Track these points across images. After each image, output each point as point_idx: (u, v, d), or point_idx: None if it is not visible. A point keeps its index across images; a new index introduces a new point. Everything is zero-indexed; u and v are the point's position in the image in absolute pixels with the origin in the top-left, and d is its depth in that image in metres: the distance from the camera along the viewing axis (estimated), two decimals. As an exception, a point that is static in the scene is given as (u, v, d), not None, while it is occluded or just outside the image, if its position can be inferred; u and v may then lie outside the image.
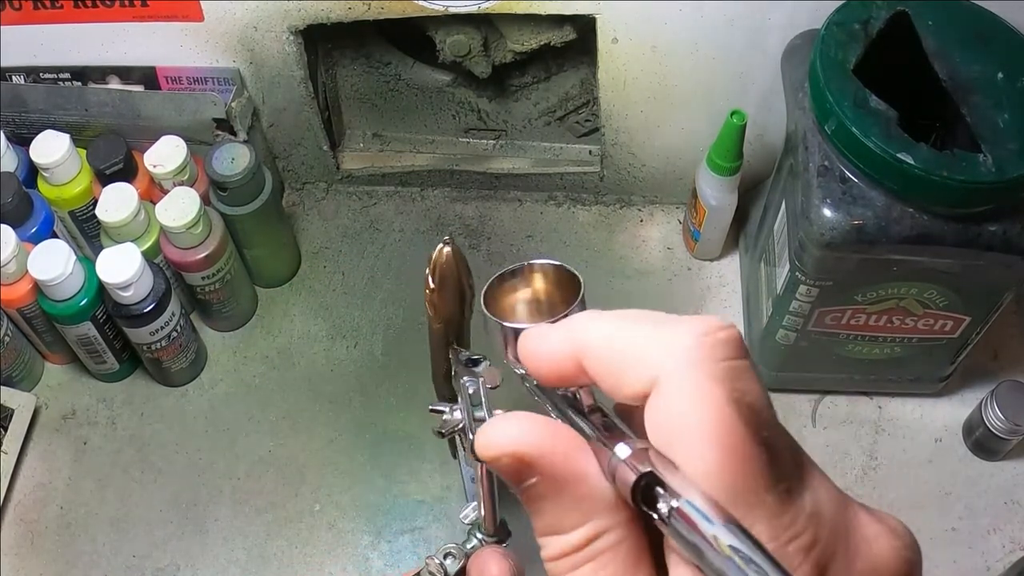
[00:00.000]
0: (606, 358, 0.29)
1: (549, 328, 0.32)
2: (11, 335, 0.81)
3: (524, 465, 0.28)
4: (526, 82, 0.91)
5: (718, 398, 0.26)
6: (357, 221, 0.95)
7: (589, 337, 0.30)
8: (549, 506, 0.29)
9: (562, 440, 0.29)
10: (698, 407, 0.26)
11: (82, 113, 0.83)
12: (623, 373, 0.28)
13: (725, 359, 0.27)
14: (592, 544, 0.28)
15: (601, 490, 0.28)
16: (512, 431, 0.29)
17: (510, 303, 0.37)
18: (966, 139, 0.60)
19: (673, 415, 0.27)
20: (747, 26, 0.75)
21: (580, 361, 0.30)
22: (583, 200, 0.94)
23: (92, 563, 0.77)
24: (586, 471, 0.28)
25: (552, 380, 0.31)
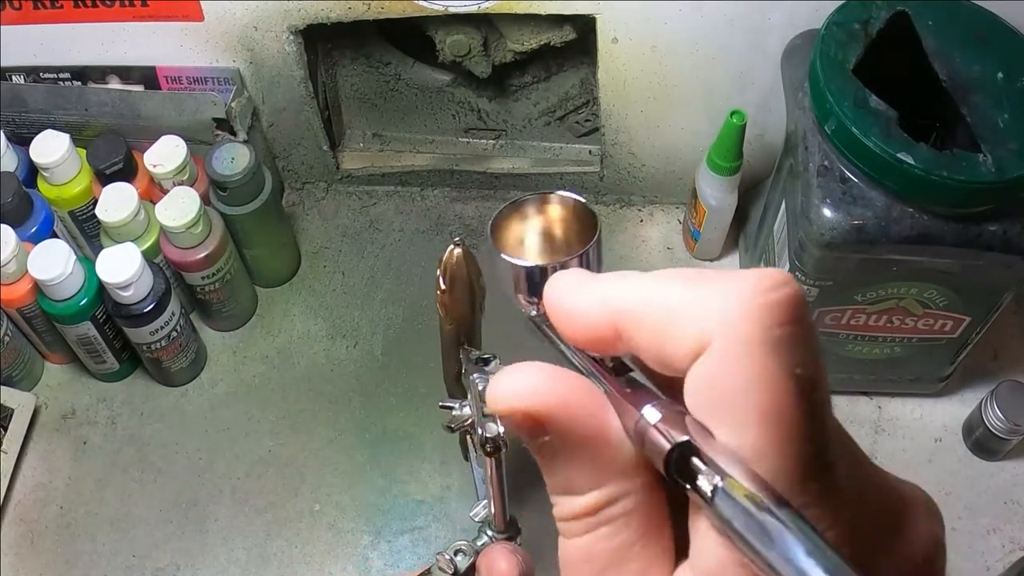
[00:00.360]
0: (647, 321, 0.26)
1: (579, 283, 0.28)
2: (11, 335, 0.81)
3: (537, 422, 0.26)
4: (526, 82, 0.91)
5: (773, 369, 0.23)
6: (357, 221, 0.95)
7: (626, 297, 0.26)
8: (563, 465, 0.26)
9: (580, 395, 0.26)
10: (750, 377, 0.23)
11: (82, 113, 0.83)
12: (666, 337, 0.25)
13: (784, 323, 0.24)
14: (607, 509, 0.26)
15: (621, 452, 0.26)
16: (525, 383, 0.27)
17: (518, 235, 0.34)
18: (966, 139, 0.60)
19: (719, 383, 0.24)
20: (747, 26, 0.75)
21: (617, 327, 0.26)
22: (583, 200, 0.94)
23: (92, 563, 0.77)
24: (606, 431, 0.26)
25: (587, 345, 0.28)
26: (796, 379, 0.24)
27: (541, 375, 0.27)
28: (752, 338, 0.23)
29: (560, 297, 0.28)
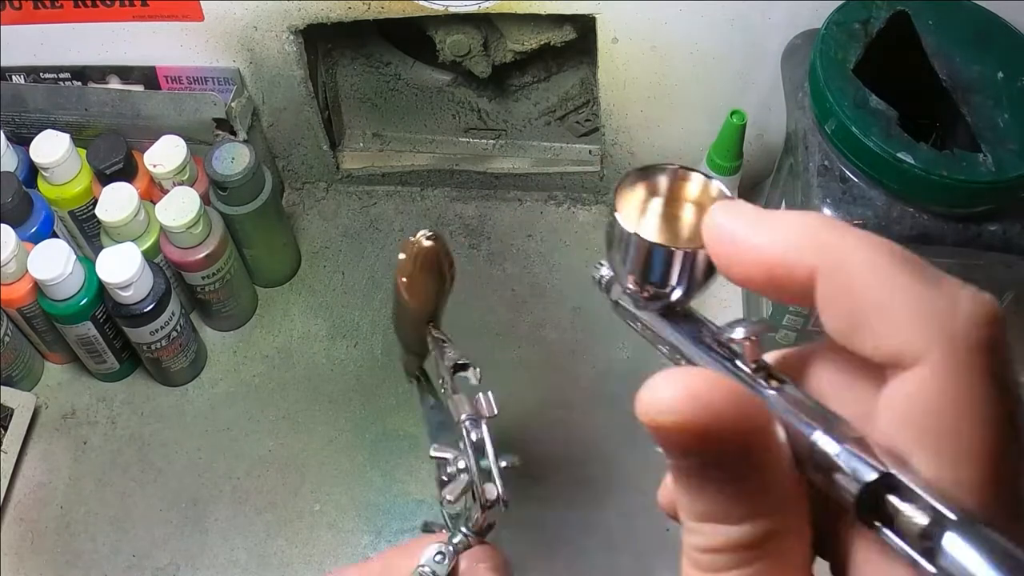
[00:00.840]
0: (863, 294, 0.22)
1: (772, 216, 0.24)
2: (11, 335, 0.81)
3: (696, 438, 0.22)
4: (526, 82, 0.91)
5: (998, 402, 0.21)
6: (357, 221, 0.95)
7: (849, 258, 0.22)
8: (717, 490, 0.22)
9: (747, 409, 0.22)
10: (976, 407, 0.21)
11: (82, 113, 0.83)
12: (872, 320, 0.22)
13: (1006, 358, 0.22)
14: (765, 545, 0.22)
15: (787, 479, 0.22)
16: (685, 391, 0.22)
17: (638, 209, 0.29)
18: (966, 139, 0.60)
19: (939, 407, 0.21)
20: (747, 26, 0.75)
21: (814, 273, 0.23)
22: (583, 200, 0.94)
23: (92, 563, 0.77)
24: (774, 454, 0.22)
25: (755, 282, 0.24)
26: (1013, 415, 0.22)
27: (703, 381, 0.22)
28: (981, 367, 0.21)
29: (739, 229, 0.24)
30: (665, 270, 0.27)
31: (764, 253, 0.23)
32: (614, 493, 0.77)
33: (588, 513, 0.76)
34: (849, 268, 0.22)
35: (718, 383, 0.22)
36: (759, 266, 0.24)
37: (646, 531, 0.75)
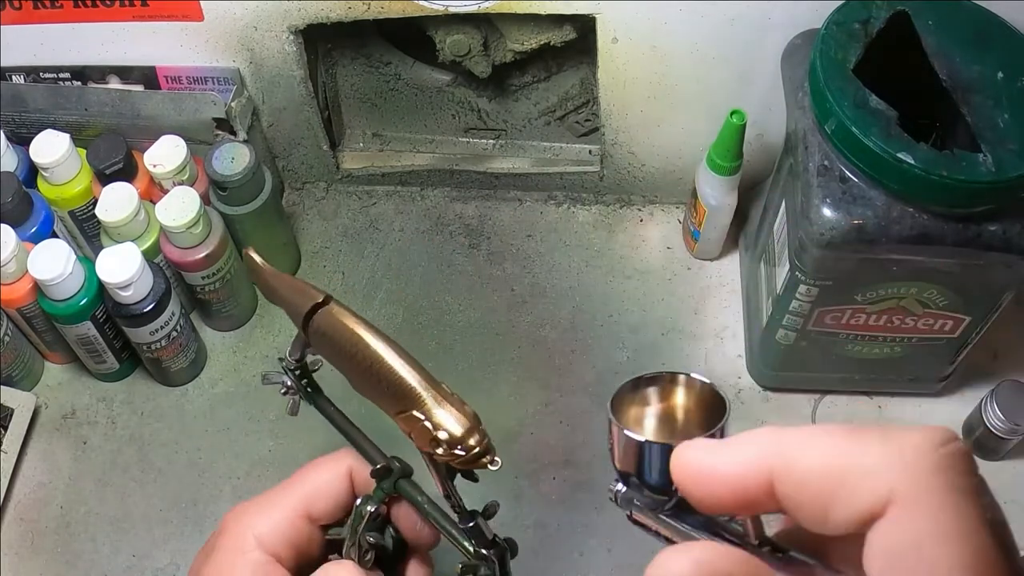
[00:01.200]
0: (817, 478, 0.24)
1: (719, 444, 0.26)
2: (11, 335, 0.81)
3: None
4: (526, 82, 0.91)
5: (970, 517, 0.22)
6: (357, 221, 0.95)
7: (793, 453, 0.24)
8: None
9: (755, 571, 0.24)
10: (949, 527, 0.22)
11: (82, 113, 0.83)
12: (839, 495, 0.23)
13: (967, 472, 0.23)
14: None
15: None
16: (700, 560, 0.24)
17: (636, 415, 0.32)
18: (966, 139, 0.60)
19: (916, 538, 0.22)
20: (747, 26, 0.75)
21: (772, 482, 0.24)
22: (583, 200, 0.94)
23: (92, 563, 0.77)
24: None
25: (724, 503, 0.26)
26: (990, 525, 0.23)
27: (707, 550, 0.24)
28: (943, 489, 0.22)
29: (700, 457, 0.26)
30: (664, 463, 0.28)
31: (726, 476, 0.25)
32: (614, 493, 0.77)
33: (588, 514, 0.76)
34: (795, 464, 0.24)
35: (721, 549, 0.24)
36: (725, 488, 0.25)
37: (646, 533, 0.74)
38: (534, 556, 0.75)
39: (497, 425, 0.50)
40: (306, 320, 0.49)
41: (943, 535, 0.22)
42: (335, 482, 0.53)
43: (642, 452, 0.29)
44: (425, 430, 0.43)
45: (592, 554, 0.75)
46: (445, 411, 0.43)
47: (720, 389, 0.31)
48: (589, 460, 0.79)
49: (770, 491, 0.25)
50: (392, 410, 0.46)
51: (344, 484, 0.53)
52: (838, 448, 0.24)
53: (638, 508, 0.32)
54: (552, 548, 0.75)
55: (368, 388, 0.47)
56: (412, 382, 0.44)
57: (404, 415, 0.44)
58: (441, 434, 0.43)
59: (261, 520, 0.50)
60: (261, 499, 0.53)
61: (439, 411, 0.43)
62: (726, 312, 0.86)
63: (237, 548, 0.49)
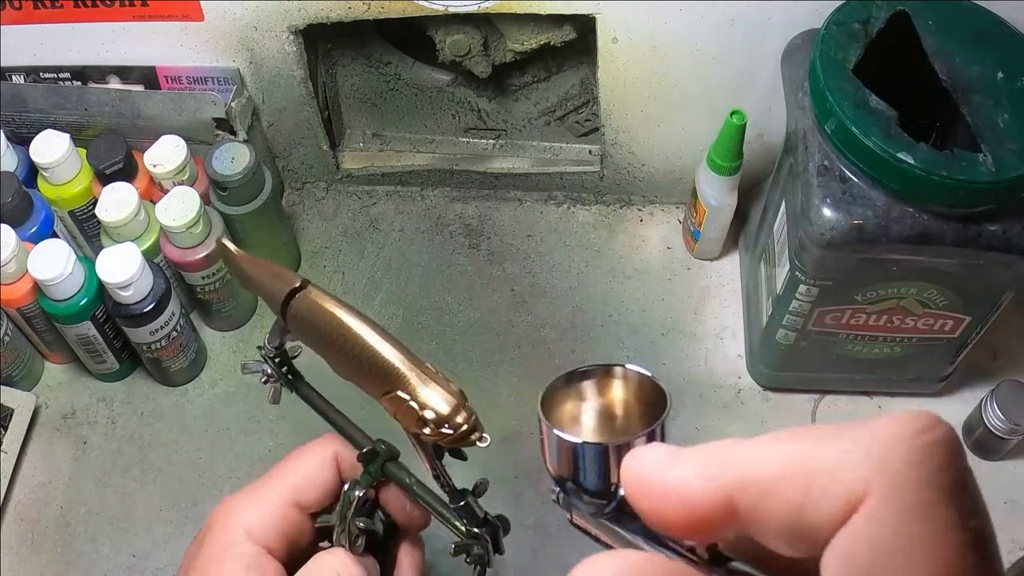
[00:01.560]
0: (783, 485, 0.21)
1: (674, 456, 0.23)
2: (11, 335, 0.81)
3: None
4: (526, 82, 0.91)
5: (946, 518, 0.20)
6: (357, 221, 0.95)
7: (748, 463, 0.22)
8: None
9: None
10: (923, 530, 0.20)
11: (82, 113, 0.83)
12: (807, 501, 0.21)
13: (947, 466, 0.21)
14: None
15: None
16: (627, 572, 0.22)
17: (570, 411, 0.30)
18: (966, 139, 0.60)
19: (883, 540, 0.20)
20: (747, 26, 0.75)
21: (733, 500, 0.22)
22: (583, 200, 0.94)
23: (92, 563, 0.77)
24: None
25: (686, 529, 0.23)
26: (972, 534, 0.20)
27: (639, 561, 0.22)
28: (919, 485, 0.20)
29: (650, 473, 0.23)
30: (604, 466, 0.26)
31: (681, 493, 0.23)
32: (614, 493, 0.77)
33: (588, 513, 0.76)
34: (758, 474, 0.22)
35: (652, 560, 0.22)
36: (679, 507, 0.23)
37: (646, 531, 0.74)
38: (534, 556, 0.75)
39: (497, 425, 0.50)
40: (284, 305, 0.48)
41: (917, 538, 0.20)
42: (322, 469, 0.52)
43: (577, 454, 0.27)
44: (411, 410, 0.43)
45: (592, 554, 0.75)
46: (430, 390, 0.43)
47: (659, 381, 0.29)
48: (589, 460, 0.79)
49: (729, 511, 0.22)
50: (377, 392, 0.45)
51: (331, 470, 0.53)
52: (803, 450, 0.21)
53: (578, 512, 0.30)
54: (552, 548, 0.75)
55: (351, 371, 0.46)
56: (395, 362, 0.44)
57: (389, 396, 0.44)
58: (427, 413, 0.42)
59: (250, 512, 0.50)
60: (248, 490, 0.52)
61: (424, 390, 0.43)
62: (726, 312, 0.86)
63: (227, 541, 0.49)
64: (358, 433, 0.54)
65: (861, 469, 0.20)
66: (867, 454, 0.20)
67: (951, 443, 0.21)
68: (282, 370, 0.56)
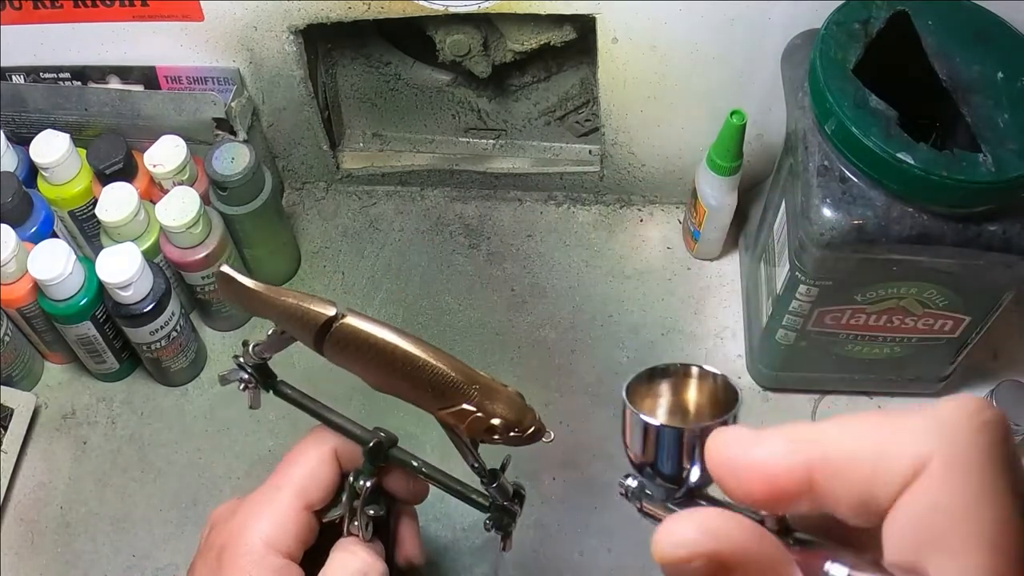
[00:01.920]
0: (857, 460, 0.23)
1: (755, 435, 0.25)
2: (11, 335, 0.81)
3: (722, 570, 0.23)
4: (526, 82, 0.91)
5: (1001, 485, 0.22)
6: (357, 221, 0.95)
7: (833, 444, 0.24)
8: None
9: (768, 543, 0.24)
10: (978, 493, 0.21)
11: (82, 113, 0.83)
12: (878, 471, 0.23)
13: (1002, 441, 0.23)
14: None
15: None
16: (711, 527, 0.24)
17: (649, 404, 0.32)
18: (966, 139, 0.60)
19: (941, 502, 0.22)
20: (747, 26, 0.75)
21: (812, 473, 0.24)
22: (583, 200, 0.94)
23: (92, 563, 0.77)
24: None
25: (760, 499, 0.25)
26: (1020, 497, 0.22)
27: (725, 519, 0.24)
28: (977, 454, 0.22)
29: (735, 450, 0.25)
30: (679, 451, 0.29)
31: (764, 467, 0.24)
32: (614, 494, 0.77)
33: (588, 514, 0.76)
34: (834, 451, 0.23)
35: (732, 519, 0.24)
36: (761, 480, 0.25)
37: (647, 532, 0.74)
38: (534, 556, 0.75)
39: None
40: (320, 334, 0.48)
41: (974, 499, 0.21)
42: (324, 467, 0.53)
43: (657, 438, 0.29)
44: (479, 420, 0.45)
45: (592, 554, 0.75)
46: (496, 399, 0.45)
47: (731, 380, 0.32)
48: (589, 460, 0.79)
49: (808, 485, 0.24)
50: (434, 406, 0.46)
51: (332, 466, 0.54)
52: (875, 428, 0.23)
53: (648, 499, 0.32)
54: (552, 548, 0.75)
55: (404, 390, 0.47)
56: (456, 378, 0.45)
57: (451, 410, 0.45)
58: (496, 421, 0.45)
59: (265, 523, 0.51)
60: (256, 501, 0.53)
61: (490, 401, 0.45)
62: (726, 312, 0.86)
63: (251, 557, 0.49)
64: (349, 423, 0.55)
65: (926, 442, 0.22)
66: (932, 429, 0.22)
67: (1005, 423, 0.23)
68: (260, 374, 0.57)
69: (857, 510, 0.23)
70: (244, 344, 0.56)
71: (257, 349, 0.54)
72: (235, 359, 0.56)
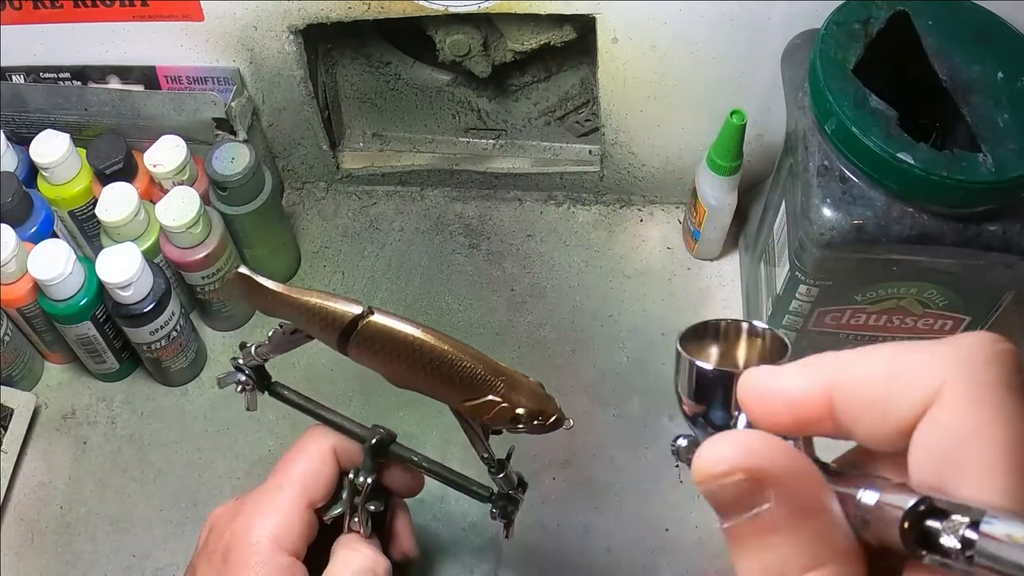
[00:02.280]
0: (873, 381, 0.24)
1: (781, 368, 0.27)
2: (11, 335, 0.81)
3: (760, 486, 0.24)
4: (526, 82, 0.91)
5: (1015, 415, 0.22)
6: (357, 221, 0.95)
7: (850, 367, 0.25)
8: (779, 541, 0.24)
9: (806, 464, 0.24)
10: (993, 416, 0.22)
11: (82, 113, 0.83)
12: (893, 393, 0.23)
13: (1017, 372, 0.23)
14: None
15: (843, 531, 0.24)
16: (751, 444, 0.24)
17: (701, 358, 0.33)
18: (966, 139, 0.60)
19: (959, 426, 0.22)
20: (747, 26, 0.75)
21: (831, 398, 0.25)
22: (583, 200, 0.94)
23: (92, 563, 0.77)
24: (829, 502, 0.24)
25: (786, 424, 0.26)
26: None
27: (764, 438, 0.25)
28: (992, 380, 0.23)
29: (764, 378, 0.27)
30: (729, 396, 0.29)
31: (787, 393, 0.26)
32: (614, 494, 0.77)
33: (588, 514, 0.76)
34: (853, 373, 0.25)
35: (766, 436, 0.25)
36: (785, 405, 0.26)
37: (646, 532, 0.75)
38: (534, 556, 0.75)
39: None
40: (345, 334, 0.48)
41: (992, 422, 0.22)
42: (325, 464, 0.54)
43: (710, 383, 0.30)
44: (504, 410, 0.46)
45: (592, 554, 0.75)
46: (520, 390, 0.47)
47: (779, 333, 0.33)
48: (589, 460, 0.79)
49: (828, 407, 0.25)
50: (460, 400, 0.47)
51: (332, 464, 0.55)
52: (892, 353, 0.24)
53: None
54: (552, 548, 0.75)
55: (428, 385, 0.48)
56: (484, 371, 0.46)
57: (477, 402, 0.47)
58: (521, 411, 0.46)
59: (271, 523, 0.51)
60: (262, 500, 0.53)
61: (515, 392, 0.47)
62: (726, 312, 0.86)
63: (259, 557, 0.50)
64: (347, 421, 0.56)
65: (941, 367, 0.23)
66: (948, 355, 0.23)
67: (1013, 353, 0.24)
68: (258, 376, 0.57)
69: (875, 433, 0.24)
70: (242, 346, 0.56)
71: (260, 350, 0.54)
72: (233, 361, 0.56)
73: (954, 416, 0.22)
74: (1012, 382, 0.23)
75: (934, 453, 0.23)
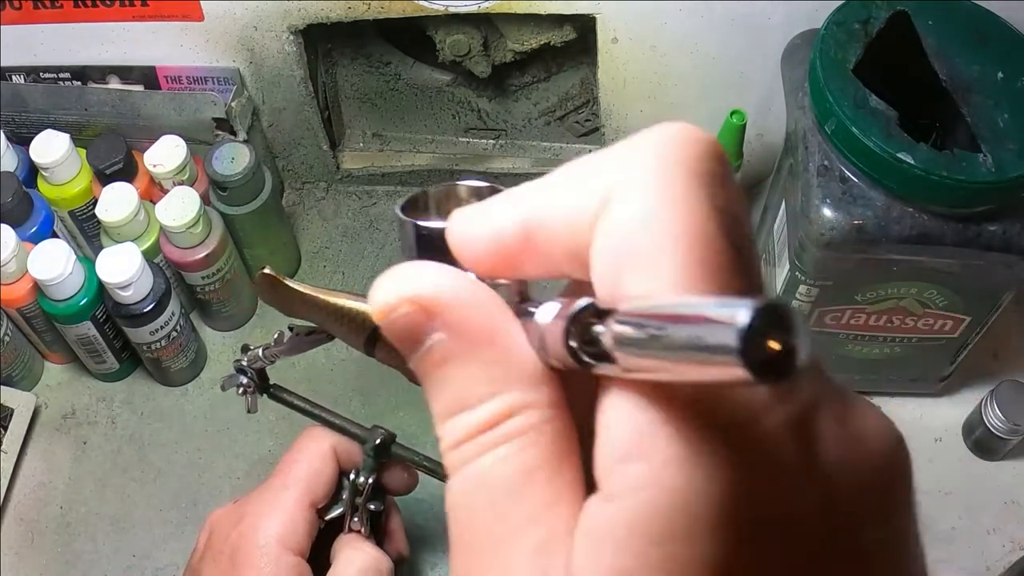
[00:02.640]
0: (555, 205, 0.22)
1: (486, 203, 0.24)
2: (11, 335, 0.81)
3: (428, 316, 0.23)
4: (526, 82, 0.91)
5: (693, 201, 0.20)
6: (357, 221, 0.95)
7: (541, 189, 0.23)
8: (454, 372, 0.23)
9: (476, 290, 0.23)
10: (667, 210, 0.20)
11: (82, 113, 0.83)
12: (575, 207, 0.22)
13: (702, 159, 0.22)
14: (508, 422, 0.22)
15: (524, 358, 0.23)
16: (419, 274, 0.23)
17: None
18: (966, 139, 0.60)
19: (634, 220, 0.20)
20: (747, 26, 0.75)
21: (527, 227, 0.23)
22: (583, 200, 0.94)
23: (92, 563, 0.77)
24: (506, 330, 0.23)
25: (493, 264, 0.24)
26: (718, 212, 0.21)
27: (436, 267, 0.24)
28: (672, 168, 0.21)
29: (466, 218, 0.25)
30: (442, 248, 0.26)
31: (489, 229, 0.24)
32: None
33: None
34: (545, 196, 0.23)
35: (443, 268, 0.23)
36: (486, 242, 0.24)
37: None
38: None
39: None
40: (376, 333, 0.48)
41: (666, 208, 0.20)
42: (326, 464, 0.55)
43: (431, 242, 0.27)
44: None
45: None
46: None
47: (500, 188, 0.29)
48: (589, 460, 0.79)
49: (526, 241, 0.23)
50: None
51: (333, 464, 0.55)
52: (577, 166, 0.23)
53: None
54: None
55: None
56: None
57: None
58: None
59: (276, 522, 0.52)
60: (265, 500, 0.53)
61: None
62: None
63: (267, 557, 0.51)
64: (347, 422, 0.57)
65: (619, 164, 0.21)
66: (625, 151, 0.22)
67: (710, 142, 0.22)
68: (259, 378, 0.58)
69: (572, 259, 0.22)
70: (244, 349, 0.56)
71: (270, 352, 0.54)
72: (235, 363, 0.56)
73: (628, 208, 0.20)
74: (696, 168, 0.21)
75: (608, 250, 0.21)
